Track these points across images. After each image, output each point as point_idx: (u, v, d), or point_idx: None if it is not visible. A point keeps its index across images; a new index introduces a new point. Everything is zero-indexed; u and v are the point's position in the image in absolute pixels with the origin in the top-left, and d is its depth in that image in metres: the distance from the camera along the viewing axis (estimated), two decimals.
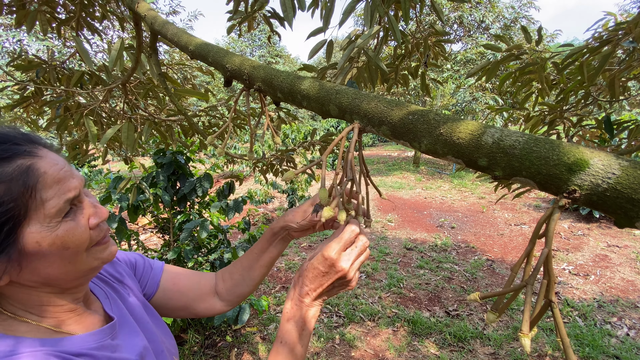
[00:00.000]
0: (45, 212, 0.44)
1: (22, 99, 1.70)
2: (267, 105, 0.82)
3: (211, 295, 0.78)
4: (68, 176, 0.47)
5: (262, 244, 0.74)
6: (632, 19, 1.25)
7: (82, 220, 0.48)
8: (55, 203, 0.44)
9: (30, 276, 0.46)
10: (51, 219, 0.44)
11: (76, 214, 0.48)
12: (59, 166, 0.47)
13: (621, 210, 0.33)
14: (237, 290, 0.77)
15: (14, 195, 0.41)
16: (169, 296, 0.73)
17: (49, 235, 0.44)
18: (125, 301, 0.62)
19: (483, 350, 2.76)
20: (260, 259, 0.75)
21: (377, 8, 1.13)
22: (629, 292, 3.59)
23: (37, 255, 0.44)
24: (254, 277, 0.77)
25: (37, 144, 0.47)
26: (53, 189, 0.45)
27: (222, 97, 13.44)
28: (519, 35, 11.52)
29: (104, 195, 2.27)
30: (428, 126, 0.46)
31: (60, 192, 0.45)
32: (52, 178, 0.45)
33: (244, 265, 0.76)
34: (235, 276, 0.76)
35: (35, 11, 1.55)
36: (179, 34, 0.89)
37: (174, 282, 0.74)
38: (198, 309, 0.76)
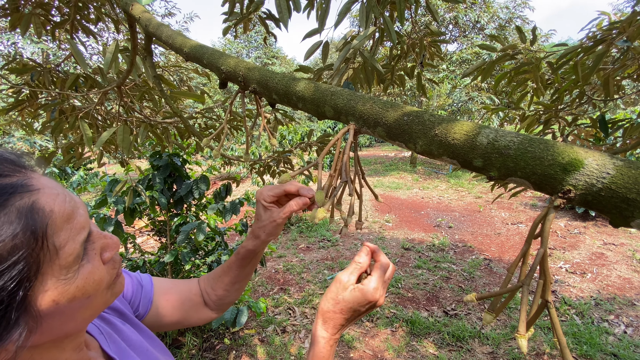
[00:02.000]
0: (61, 263, 0.35)
1: (17, 102, 1.68)
2: (263, 107, 0.82)
3: (201, 305, 0.75)
4: (75, 208, 0.38)
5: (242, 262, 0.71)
6: (626, 18, 1.27)
7: (95, 259, 0.40)
8: (71, 249, 0.36)
9: (42, 337, 0.37)
10: (69, 269, 0.36)
11: (88, 253, 0.39)
12: (62, 196, 0.37)
13: (616, 209, 0.33)
14: (224, 301, 0.75)
15: (22, 252, 0.31)
16: (162, 313, 0.69)
17: (67, 290, 0.36)
18: (120, 333, 0.57)
19: (481, 349, 2.77)
20: (242, 273, 0.73)
21: (373, 9, 1.13)
22: (626, 289, 3.61)
23: (53, 315, 0.36)
24: (239, 287, 0.75)
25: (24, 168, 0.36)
26: (65, 231, 0.35)
27: (219, 98, 13.43)
28: (514, 36, 11.59)
29: (100, 198, 2.26)
30: (423, 127, 0.46)
31: (73, 233, 0.36)
32: (61, 216, 0.35)
33: (226, 282, 0.73)
34: (220, 292, 0.74)
35: (30, 14, 1.54)
36: (173, 36, 0.88)
37: (166, 299, 0.70)
38: (191, 320, 0.74)
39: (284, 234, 5.72)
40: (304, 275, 4.14)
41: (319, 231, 5.67)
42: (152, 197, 2.30)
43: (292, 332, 3.02)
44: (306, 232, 5.69)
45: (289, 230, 5.85)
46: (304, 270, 4.27)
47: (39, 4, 1.59)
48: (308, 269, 4.31)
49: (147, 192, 2.29)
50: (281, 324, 3.12)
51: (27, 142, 6.13)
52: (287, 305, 3.45)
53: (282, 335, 2.97)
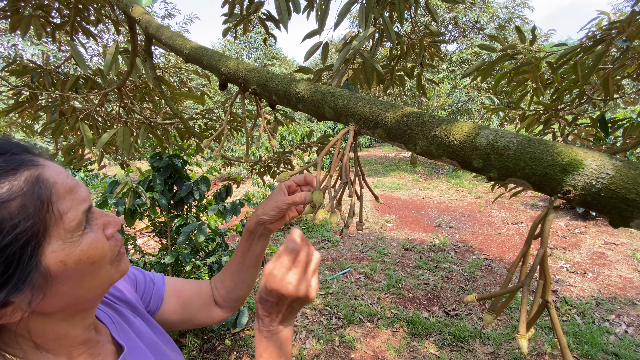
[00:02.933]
0: (65, 227, 0.39)
1: (17, 104, 1.69)
2: (263, 108, 0.82)
3: (212, 304, 0.76)
4: (76, 185, 0.43)
5: (243, 246, 0.72)
6: (625, 17, 1.27)
7: (99, 232, 0.44)
8: (74, 215, 0.40)
9: (53, 301, 0.41)
10: (73, 233, 0.40)
11: (91, 225, 0.44)
12: (65, 174, 0.42)
13: (615, 210, 0.33)
14: (232, 295, 0.76)
15: (30, 211, 0.36)
16: (173, 310, 0.71)
17: (73, 252, 0.40)
18: (131, 324, 0.59)
19: (482, 349, 2.76)
20: (245, 260, 0.73)
21: (372, 10, 1.13)
22: (627, 289, 3.61)
23: (62, 276, 0.40)
24: (245, 279, 0.75)
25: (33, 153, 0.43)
26: (68, 200, 0.40)
27: (219, 99, 13.44)
28: (514, 35, 11.59)
29: (100, 200, 2.26)
30: (423, 128, 0.46)
31: (75, 203, 0.41)
32: (64, 188, 0.41)
33: (232, 271, 0.74)
34: (227, 283, 0.75)
35: (30, 16, 1.55)
36: (173, 38, 0.88)
37: (177, 295, 0.72)
38: (201, 319, 0.74)
39: (284, 234, 5.72)
40: None
41: (319, 232, 5.67)
42: (152, 198, 2.30)
43: (293, 332, 3.02)
44: (307, 233, 5.69)
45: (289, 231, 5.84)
46: None
47: (39, 6, 1.60)
48: None
49: (147, 194, 2.29)
50: None
51: (27, 143, 6.14)
52: None
53: None
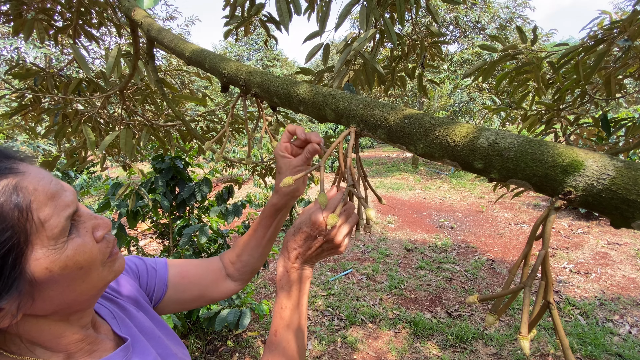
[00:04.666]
0: (47, 234, 0.39)
1: (21, 106, 1.70)
2: (264, 110, 0.82)
3: (222, 278, 0.77)
4: (60, 189, 0.42)
5: (267, 222, 0.73)
6: (627, 17, 1.26)
7: (87, 236, 0.44)
8: (56, 222, 0.40)
9: (44, 305, 0.41)
10: (56, 240, 0.40)
11: (79, 230, 0.44)
12: (47, 180, 0.41)
13: (617, 210, 0.33)
14: (248, 268, 0.77)
15: (8, 222, 0.36)
16: (181, 290, 0.71)
17: (58, 258, 0.40)
18: (132, 318, 0.59)
19: (485, 350, 2.75)
20: (266, 235, 0.74)
21: (373, 11, 1.14)
22: (630, 289, 3.59)
23: (49, 282, 0.40)
24: (263, 252, 0.76)
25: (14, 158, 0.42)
26: (49, 207, 0.40)
27: (220, 101, 13.47)
28: (515, 35, 11.58)
29: (102, 202, 2.27)
30: (424, 129, 0.46)
31: (58, 209, 0.41)
32: (45, 194, 0.40)
33: (252, 246, 0.75)
34: (244, 257, 0.76)
35: (33, 19, 1.56)
36: (175, 41, 0.89)
37: (182, 276, 0.72)
38: (213, 294, 0.75)
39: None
40: None
41: None
42: (154, 200, 2.31)
43: None
44: None
45: None
46: None
47: (42, 10, 1.61)
48: None
49: (149, 195, 2.30)
50: None
51: (31, 146, 6.18)
52: None
53: None
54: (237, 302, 2.54)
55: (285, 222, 5.79)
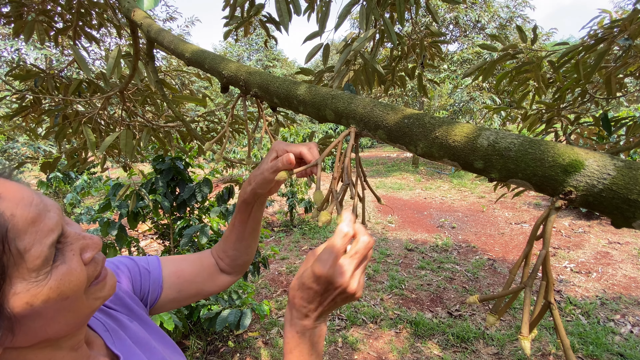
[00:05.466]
0: (28, 266, 0.35)
1: (21, 108, 1.70)
2: (264, 110, 0.82)
3: (217, 272, 0.75)
4: (42, 211, 0.38)
5: (241, 217, 0.70)
6: (627, 16, 1.26)
7: (74, 260, 0.40)
8: (38, 252, 0.35)
9: (26, 338, 0.38)
10: (38, 271, 0.36)
11: (65, 254, 0.39)
12: (27, 201, 0.37)
13: (617, 210, 0.33)
14: (237, 262, 0.76)
15: None
16: (177, 289, 0.69)
17: (40, 291, 0.36)
18: (126, 329, 0.56)
19: (486, 350, 2.75)
20: (245, 229, 0.72)
21: (373, 11, 1.14)
22: (632, 289, 3.58)
23: (31, 316, 0.36)
24: (247, 245, 0.75)
25: None
26: (30, 234, 0.35)
27: (220, 101, 13.48)
28: (515, 35, 11.57)
29: (103, 203, 2.27)
30: (424, 129, 0.46)
31: (40, 236, 0.36)
32: (25, 220, 0.35)
33: (233, 240, 0.73)
34: (230, 252, 0.74)
35: (33, 21, 1.56)
36: (175, 42, 0.89)
37: (178, 275, 0.70)
38: (210, 289, 0.74)
39: (286, 235, 5.72)
40: None
41: (321, 233, 5.67)
42: (155, 200, 2.31)
43: None
44: (309, 234, 5.69)
45: (292, 232, 5.85)
46: None
47: (42, 11, 1.61)
48: None
49: (150, 196, 2.30)
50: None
51: (31, 147, 6.19)
52: None
53: None
54: (238, 303, 2.54)
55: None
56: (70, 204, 5.13)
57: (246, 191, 0.66)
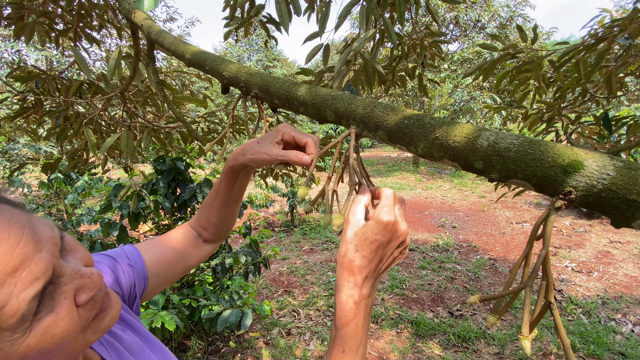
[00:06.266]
0: (1, 326, 0.29)
1: (22, 109, 1.70)
2: (265, 111, 0.82)
3: (199, 245, 0.75)
4: (30, 254, 0.31)
5: (226, 184, 0.69)
6: (628, 15, 1.26)
7: (64, 305, 0.34)
8: (13, 309, 0.30)
9: None
10: (13, 330, 0.30)
11: (55, 298, 0.33)
12: (12, 242, 0.30)
13: (617, 210, 0.33)
14: (221, 229, 0.76)
15: None
16: (164, 274, 0.68)
17: (16, 350, 0.31)
18: (121, 340, 0.53)
19: (487, 350, 2.75)
20: (230, 196, 0.71)
21: (373, 11, 1.14)
22: (633, 288, 3.58)
23: None
24: (232, 211, 0.74)
25: None
26: (7, 287, 0.29)
27: (221, 102, 13.48)
28: (515, 34, 11.55)
29: (104, 203, 2.28)
30: (424, 130, 0.46)
31: (20, 288, 0.30)
32: (3, 270, 0.30)
33: (217, 207, 0.72)
34: (213, 219, 0.74)
35: (34, 22, 1.56)
36: (175, 43, 0.89)
37: (162, 262, 0.68)
38: (194, 262, 0.74)
39: (287, 235, 5.72)
40: (308, 277, 4.14)
41: (322, 233, 5.67)
42: (156, 201, 2.31)
43: (296, 334, 3.02)
44: (310, 234, 5.69)
45: (293, 232, 5.85)
46: (308, 272, 4.27)
47: (43, 13, 1.61)
48: (312, 271, 4.31)
49: (151, 197, 2.31)
50: (286, 326, 3.12)
51: (32, 148, 6.20)
52: (291, 308, 3.45)
53: (287, 338, 2.97)
54: (239, 303, 2.55)
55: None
56: (71, 205, 5.15)
57: (237, 160, 0.63)
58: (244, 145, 0.62)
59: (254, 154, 0.59)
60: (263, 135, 0.62)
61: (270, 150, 0.58)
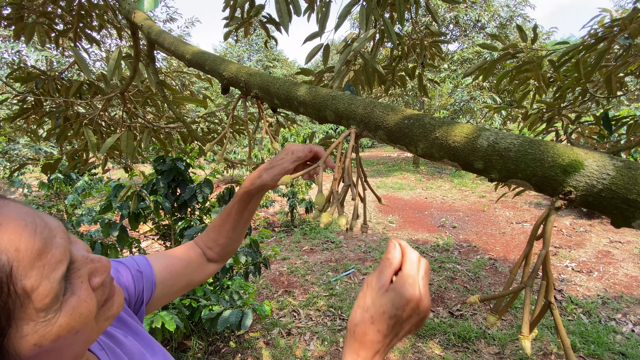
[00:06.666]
0: (36, 306, 0.31)
1: (22, 110, 1.71)
2: (265, 111, 0.82)
3: (204, 263, 0.77)
4: (48, 239, 0.33)
5: (239, 206, 0.72)
6: (627, 15, 1.26)
7: (82, 288, 0.35)
8: (46, 289, 0.31)
9: None
10: (47, 311, 0.32)
11: (72, 282, 0.35)
12: (30, 227, 0.32)
13: (617, 210, 0.33)
14: (228, 249, 0.77)
15: None
16: (170, 284, 0.70)
17: (50, 331, 0.32)
18: (121, 345, 0.53)
19: (488, 350, 2.75)
20: (241, 218, 0.74)
21: (373, 11, 1.14)
22: (633, 287, 3.58)
23: (39, 356, 0.33)
24: (241, 233, 0.77)
25: None
26: (36, 270, 0.31)
27: (221, 102, 13.49)
28: (515, 34, 11.55)
29: (104, 204, 2.28)
30: (424, 130, 0.46)
31: (47, 271, 0.32)
32: (30, 254, 0.31)
33: (227, 228, 0.75)
34: (221, 240, 0.76)
35: (34, 23, 1.56)
36: (175, 43, 0.89)
37: (169, 270, 0.70)
38: (198, 280, 0.76)
39: (287, 236, 5.72)
40: (308, 277, 4.14)
41: (322, 233, 5.67)
42: (156, 201, 2.31)
43: (297, 334, 3.02)
44: (310, 234, 5.69)
45: (293, 232, 5.85)
46: (308, 272, 4.27)
47: (43, 13, 1.61)
48: (312, 271, 4.31)
49: (151, 197, 2.31)
50: (286, 326, 3.12)
51: (32, 148, 6.20)
52: (291, 308, 3.45)
53: (287, 338, 2.97)
54: (239, 303, 2.55)
55: None
56: (72, 205, 5.15)
57: (254, 183, 0.68)
58: (258, 170, 0.69)
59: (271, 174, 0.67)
60: (272, 160, 0.69)
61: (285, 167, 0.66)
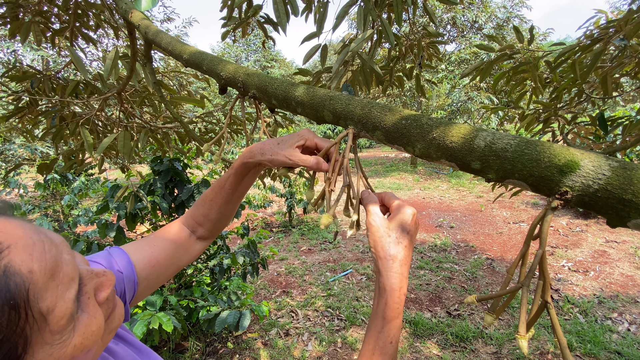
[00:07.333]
0: (52, 329, 0.29)
1: (17, 109, 1.69)
2: (262, 111, 0.82)
3: (192, 243, 0.73)
4: (58, 256, 0.31)
5: (234, 180, 0.67)
6: (623, 16, 1.27)
7: (90, 304, 0.34)
8: (62, 310, 0.30)
9: None
10: (62, 332, 0.30)
11: (80, 299, 0.34)
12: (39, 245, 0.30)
13: (612, 210, 0.33)
14: (218, 225, 0.74)
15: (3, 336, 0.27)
16: (154, 277, 0.66)
17: (64, 352, 0.31)
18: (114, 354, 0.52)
19: (485, 349, 2.76)
20: (235, 192, 0.70)
21: (370, 12, 1.14)
22: (629, 287, 3.60)
23: None
24: (233, 208, 0.73)
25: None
26: (51, 290, 0.29)
27: (219, 102, 13.46)
28: (512, 35, 11.61)
29: (101, 204, 2.26)
30: (421, 130, 0.46)
31: (62, 290, 0.30)
32: (44, 274, 0.29)
33: (219, 202, 0.70)
34: (213, 216, 0.72)
35: (29, 22, 1.55)
36: (172, 43, 0.89)
37: (152, 265, 0.65)
38: (186, 262, 0.72)
39: (285, 236, 5.72)
40: (306, 277, 4.14)
41: (320, 233, 5.67)
42: (153, 202, 2.30)
43: (295, 335, 3.02)
44: (308, 235, 5.69)
45: (291, 233, 5.85)
46: (306, 272, 4.27)
47: (39, 12, 1.61)
48: (310, 271, 4.31)
49: (148, 197, 2.30)
50: (284, 327, 3.11)
51: (28, 149, 6.16)
52: (289, 308, 3.44)
53: (285, 339, 2.97)
54: (237, 304, 2.54)
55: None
56: (68, 206, 5.11)
57: (254, 158, 0.62)
58: (262, 143, 0.61)
59: (274, 155, 0.59)
60: (283, 137, 0.62)
61: (291, 154, 0.58)
